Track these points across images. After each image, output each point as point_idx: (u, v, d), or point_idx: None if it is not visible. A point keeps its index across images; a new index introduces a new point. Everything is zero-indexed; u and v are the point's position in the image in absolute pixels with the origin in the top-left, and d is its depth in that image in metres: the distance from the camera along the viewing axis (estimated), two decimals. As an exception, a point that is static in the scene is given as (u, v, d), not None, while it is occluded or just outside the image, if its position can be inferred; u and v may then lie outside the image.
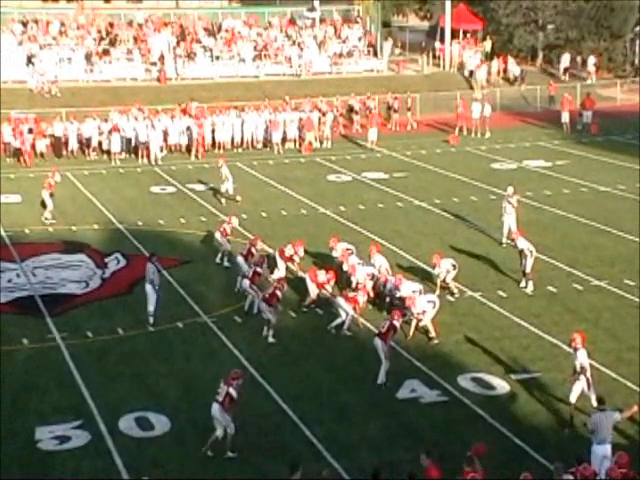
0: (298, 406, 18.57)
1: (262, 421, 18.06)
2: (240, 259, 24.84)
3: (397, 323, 20.07)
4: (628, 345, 21.35)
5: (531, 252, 24.77)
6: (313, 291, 23.49)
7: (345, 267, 24.33)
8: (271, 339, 21.78)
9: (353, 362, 20.73)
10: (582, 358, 17.83)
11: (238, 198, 33.49)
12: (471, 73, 56.01)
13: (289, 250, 25.15)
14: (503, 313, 23.38)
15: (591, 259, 27.49)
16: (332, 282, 23.64)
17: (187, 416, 18.17)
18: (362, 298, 22.48)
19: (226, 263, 26.97)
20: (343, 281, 24.25)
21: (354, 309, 22.18)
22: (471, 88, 54.86)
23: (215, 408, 16.79)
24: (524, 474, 14.00)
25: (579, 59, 61.19)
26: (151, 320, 22.63)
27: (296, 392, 19.24)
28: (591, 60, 59.60)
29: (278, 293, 21.96)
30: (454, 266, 24.40)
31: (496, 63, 58.05)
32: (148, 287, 22.73)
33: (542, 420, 18.11)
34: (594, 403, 17.31)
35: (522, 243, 24.93)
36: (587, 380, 17.80)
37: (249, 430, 17.65)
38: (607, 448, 15.50)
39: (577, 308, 23.73)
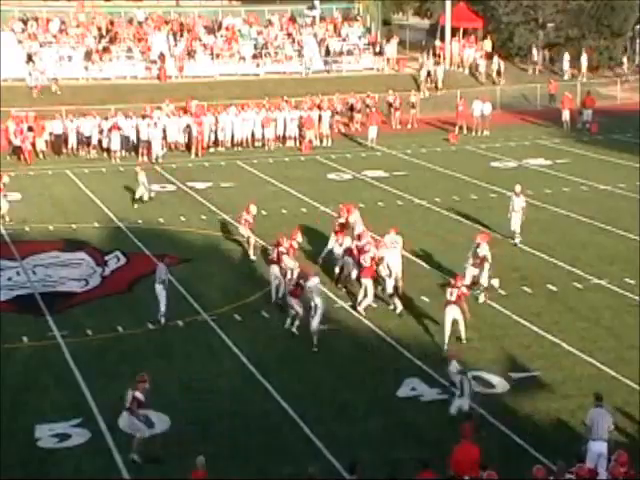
0: (298, 405, 18.56)
1: (262, 420, 18.06)
2: (275, 269, 23.92)
3: (465, 289, 21.61)
4: (628, 344, 21.34)
5: (489, 262, 24.15)
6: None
7: (358, 229, 25.48)
8: (294, 330, 21.74)
9: (353, 361, 20.72)
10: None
11: (145, 198, 33.20)
12: (428, 73, 55.68)
13: (287, 243, 24.94)
14: (503, 312, 23.38)
15: (591, 257, 27.49)
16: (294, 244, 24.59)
17: (187, 414, 18.17)
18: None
19: (252, 257, 27.22)
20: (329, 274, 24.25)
21: (373, 279, 23.16)
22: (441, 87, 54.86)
23: (124, 416, 16.62)
24: (536, 467, 14.07)
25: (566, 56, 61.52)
26: (163, 320, 22.58)
27: (296, 390, 19.23)
28: (566, 57, 59.83)
29: (303, 283, 22.06)
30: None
31: (483, 63, 58.08)
32: (158, 287, 22.63)
33: (542, 418, 18.11)
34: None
35: (484, 249, 24.26)
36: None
37: (249, 429, 17.68)
38: (603, 445, 15.44)
39: (577, 307, 23.73)
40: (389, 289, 23.68)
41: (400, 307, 23.31)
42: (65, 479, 16.11)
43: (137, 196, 33.50)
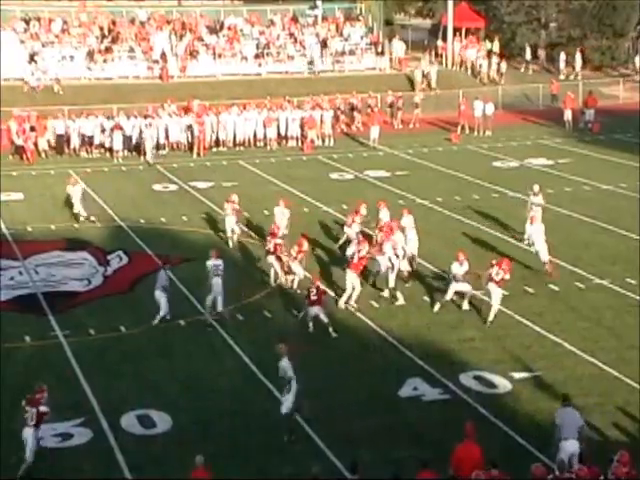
0: (299, 404, 18.54)
1: (263, 419, 18.05)
2: (271, 259, 25.14)
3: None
4: (629, 344, 21.34)
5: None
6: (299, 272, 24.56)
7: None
8: (334, 334, 21.80)
9: (354, 359, 20.72)
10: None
11: (75, 210, 31.69)
12: (423, 73, 55.66)
13: (295, 248, 25.04)
14: (505, 311, 23.35)
15: (593, 257, 27.49)
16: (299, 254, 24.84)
17: (189, 414, 18.18)
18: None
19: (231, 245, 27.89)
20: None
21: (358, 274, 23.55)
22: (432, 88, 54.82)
23: (27, 433, 16.23)
24: (535, 465, 14.07)
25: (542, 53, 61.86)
26: (156, 322, 22.64)
27: (297, 390, 19.19)
28: (562, 57, 59.94)
29: (323, 290, 22.38)
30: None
31: (485, 63, 58.04)
32: (158, 293, 22.62)
33: (544, 419, 18.07)
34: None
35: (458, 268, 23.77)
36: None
37: (250, 428, 17.68)
38: (575, 444, 15.38)
39: (579, 307, 23.73)
40: (391, 282, 24.01)
41: (402, 300, 23.84)
42: (66, 479, 16.13)
43: (75, 211, 31.58)
